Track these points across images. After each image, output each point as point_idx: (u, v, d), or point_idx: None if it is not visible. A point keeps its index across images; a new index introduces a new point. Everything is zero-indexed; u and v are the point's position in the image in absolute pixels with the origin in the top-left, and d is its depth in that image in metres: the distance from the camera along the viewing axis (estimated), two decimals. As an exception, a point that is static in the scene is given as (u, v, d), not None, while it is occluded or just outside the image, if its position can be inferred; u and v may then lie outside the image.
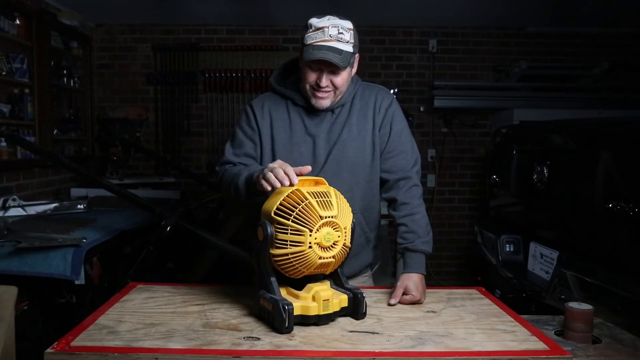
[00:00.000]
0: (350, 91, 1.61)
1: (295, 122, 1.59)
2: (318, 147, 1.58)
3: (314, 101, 1.54)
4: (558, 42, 4.61)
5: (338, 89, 1.53)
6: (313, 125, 1.59)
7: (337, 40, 1.45)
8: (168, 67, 4.47)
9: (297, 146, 1.58)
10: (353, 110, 1.61)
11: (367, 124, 1.61)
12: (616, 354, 1.30)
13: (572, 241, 2.31)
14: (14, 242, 2.08)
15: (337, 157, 1.57)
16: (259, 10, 4.06)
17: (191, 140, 4.56)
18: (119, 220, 2.68)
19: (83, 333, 1.17)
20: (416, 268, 1.51)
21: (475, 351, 1.11)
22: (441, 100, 4.35)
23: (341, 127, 1.59)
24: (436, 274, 4.71)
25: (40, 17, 3.42)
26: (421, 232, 1.55)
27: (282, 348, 1.11)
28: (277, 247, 1.20)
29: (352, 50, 1.49)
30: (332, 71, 1.49)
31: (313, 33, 1.47)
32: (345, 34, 1.47)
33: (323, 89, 1.51)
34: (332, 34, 1.45)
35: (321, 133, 1.58)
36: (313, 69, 1.49)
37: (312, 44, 1.46)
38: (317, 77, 1.50)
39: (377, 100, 1.63)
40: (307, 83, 1.52)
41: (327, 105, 1.55)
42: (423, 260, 1.53)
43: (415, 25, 4.55)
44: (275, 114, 1.61)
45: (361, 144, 1.59)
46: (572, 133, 2.44)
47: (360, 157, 1.59)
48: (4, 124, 3.08)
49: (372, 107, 1.62)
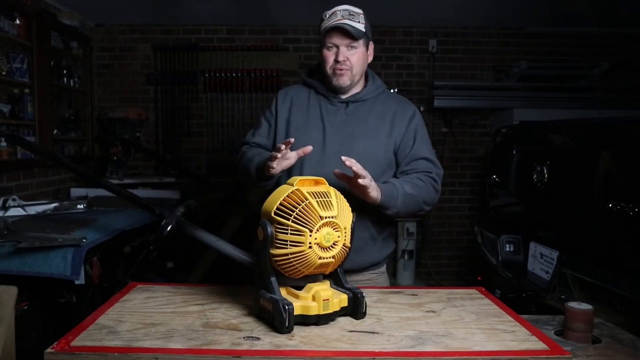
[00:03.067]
0: (372, 90, 1.71)
1: (312, 108, 1.69)
2: (329, 135, 1.64)
3: (335, 80, 1.65)
4: (558, 42, 4.61)
5: (354, 67, 1.63)
6: (328, 114, 1.68)
7: (349, 19, 1.60)
8: (168, 67, 4.48)
9: (309, 131, 1.66)
10: (372, 110, 1.69)
11: (384, 124, 1.67)
12: (616, 354, 1.30)
13: (572, 241, 2.31)
14: (14, 242, 2.08)
15: (346, 147, 1.61)
16: (259, 10, 4.06)
17: (191, 140, 4.56)
18: (119, 220, 2.67)
19: (83, 333, 1.17)
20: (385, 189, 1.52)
21: (475, 351, 1.11)
22: (441, 100, 4.35)
23: (357, 121, 1.67)
24: (436, 274, 4.71)
25: (40, 17, 3.42)
26: (399, 191, 1.55)
27: (282, 348, 1.11)
28: (277, 247, 1.20)
29: (364, 30, 1.62)
30: (347, 46, 1.61)
31: (326, 20, 1.63)
32: (356, 16, 1.62)
33: (342, 64, 1.61)
34: (344, 14, 1.61)
35: (335, 122, 1.66)
36: (330, 49, 1.63)
37: (326, 26, 1.61)
38: (335, 54, 1.62)
39: (400, 107, 1.73)
40: (327, 64, 1.64)
41: (346, 83, 1.65)
42: (394, 196, 1.54)
43: (415, 25, 4.55)
44: (297, 99, 1.73)
45: (374, 142, 1.65)
46: (572, 133, 2.44)
47: (371, 153, 1.62)
48: (4, 124, 3.09)
49: (393, 112, 1.70)
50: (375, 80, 1.75)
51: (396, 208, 1.56)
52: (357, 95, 1.69)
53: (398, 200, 1.55)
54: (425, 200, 1.64)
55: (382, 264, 1.81)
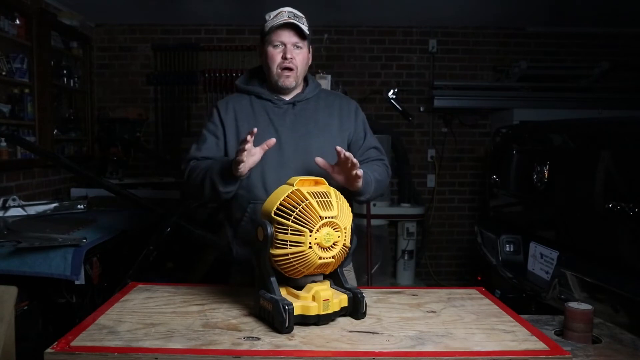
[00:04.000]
0: (312, 89, 1.74)
1: (259, 114, 1.68)
2: (283, 137, 1.64)
3: (282, 80, 1.65)
4: (558, 42, 4.61)
5: (299, 67, 1.65)
6: (277, 117, 1.68)
7: (295, 20, 1.62)
8: (168, 67, 4.47)
9: (261, 136, 1.61)
10: (318, 107, 1.72)
11: (332, 120, 1.71)
12: (616, 354, 1.30)
13: (572, 241, 2.30)
14: (14, 242, 2.08)
15: (304, 147, 1.64)
16: (259, 10, 4.04)
17: (191, 140, 4.52)
18: (119, 220, 2.68)
19: (83, 333, 1.17)
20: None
21: (475, 351, 1.12)
22: (441, 100, 4.35)
23: (307, 120, 1.69)
24: (436, 274, 4.71)
25: (40, 17, 3.42)
26: (371, 177, 1.58)
27: (282, 348, 1.11)
28: (277, 247, 1.20)
29: (308, 32, 1.64)
30: (294, 45, 1.63)
31: (271, 20, 1.64)
32: (301, 19, 1.65)
33: (289, 61, 1.62)
34: (290, 15, 1.63)
35: (285, 124, 1.67)
36: (277, 47, 1.63)
37: (274, 24, 1.62)
38: (282, 52, 1.63)
39: (344, 103, 1.77)
40: (274, 63, 1.64)
41: (292, 84, 1.66)
42: (369, 183, 1.56)
43: (415, 25, 4.55)
44: (239, 108, 1.71)
45: (328, 136, 1.67)
46: (572, 133, 2.44)
47: (327, 148, 1.62)
48: (4, 124, 3.08)
49: (338, 107, 1.74)
50: (314, 80, 1.80)
51: (369, 194, 1.60)
52: (300, 95, 1.71)
53: (372, 186, 1.59)
54: (385, 185, 1.72)
55: (349, 260, 1.82)
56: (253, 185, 1.60)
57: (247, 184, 1.60)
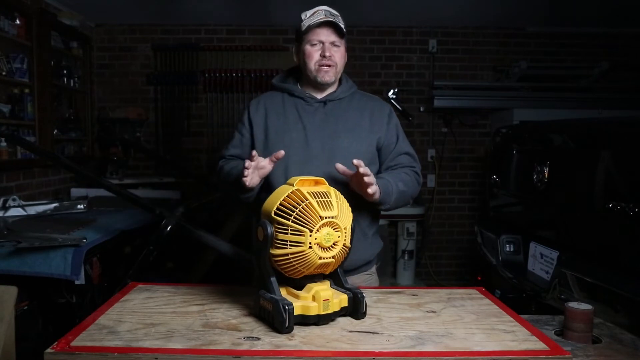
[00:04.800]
0: (346, 88, 1.74)
1: (289, 111, 1.69)
2: (310, 134, 1.64)
3: (321, 75, 1.65)
4: (558, 42, 4.61)
5: (338, 65, 1.66)
6: (306, 114, 1.68)
7: (332, 18, 1.62)
8: (168, 67, 4.47)
9: (288, 132, 1.66)
10: (350, 108, 1.71)
11: (363, 121, 1.69)
12: (616, 354, 1.30)
13: (572, 241, 2.31)
14: (14, 242, 2.08)
15: (331, 145, 1.63)
16: (259, 10, 4.06)
17: (191, 140, 4.56)
18: (119, 220, 2.67)
19: (83, 333, 1.17)
20: (382, 185, 1.53)
21: (475, 351, 1.11)
22: (441, 100, 4.34)
23: (337, 119, 1.68)
24: (436, 274, 4.71)
25: (40, 17, 3.42)
26: (393, 187, 1.57)
27: (282, 348, 1.11)
28: (277, 247, 1.20)
29: (344, 30, 1.65)
30: (332, 43, 1.63)
31: (307, 19, 1.64)
32: (337, 17, 1.65)
33: (328, 59, 1.63)
34: (327, 14, 1.63)
35: (314, 121, 1.66)
36: (315, 45, 1.64)
37: (309, 24, 1.62)
38: (321, 49, 1.64)
39: (376, 105, 1.76)
40: (311, 60, 1.65)
41: (332, 79, 1.67)
42: (390, 193, 1.56)
43: (415, 25, 4.55)
44: (270, 105, 1.72)
45: (356, 137, 1.66)
46: (572, 133, 2.44)
47: (354, 148, 1.63)
48: (4, 124, 3.08)
49: (370, 109, 1.73)
50: (348, 80, 1.79)
51: (389, 204, 1.59)
52: (333, 94, 1.71)
53: (393, 196, 1.58)
54: (412, 194, 1.70)
55: (373, 263, 1.82)
56: (276, 181, 1.59)
57: (270, 180, 1.60)
